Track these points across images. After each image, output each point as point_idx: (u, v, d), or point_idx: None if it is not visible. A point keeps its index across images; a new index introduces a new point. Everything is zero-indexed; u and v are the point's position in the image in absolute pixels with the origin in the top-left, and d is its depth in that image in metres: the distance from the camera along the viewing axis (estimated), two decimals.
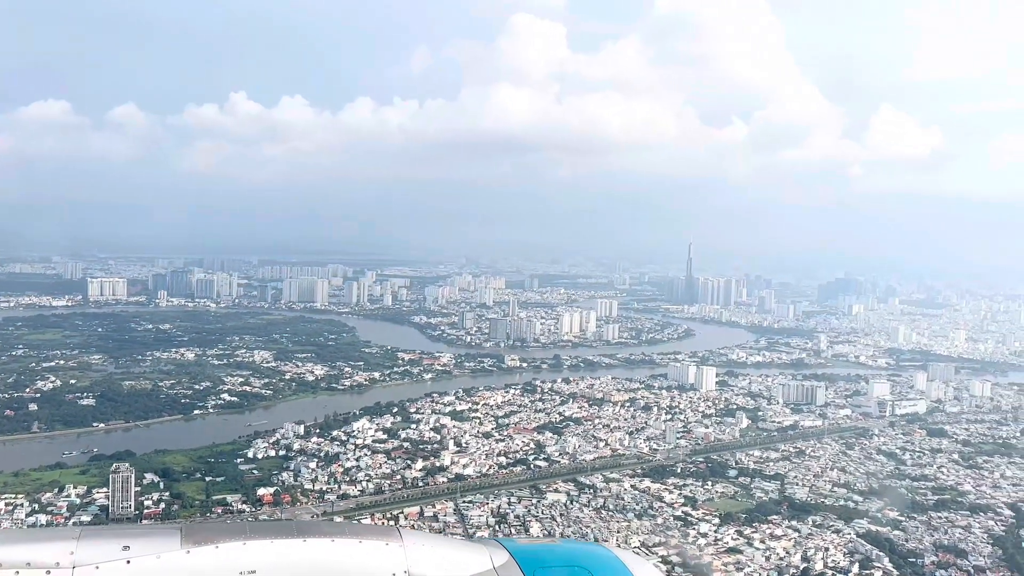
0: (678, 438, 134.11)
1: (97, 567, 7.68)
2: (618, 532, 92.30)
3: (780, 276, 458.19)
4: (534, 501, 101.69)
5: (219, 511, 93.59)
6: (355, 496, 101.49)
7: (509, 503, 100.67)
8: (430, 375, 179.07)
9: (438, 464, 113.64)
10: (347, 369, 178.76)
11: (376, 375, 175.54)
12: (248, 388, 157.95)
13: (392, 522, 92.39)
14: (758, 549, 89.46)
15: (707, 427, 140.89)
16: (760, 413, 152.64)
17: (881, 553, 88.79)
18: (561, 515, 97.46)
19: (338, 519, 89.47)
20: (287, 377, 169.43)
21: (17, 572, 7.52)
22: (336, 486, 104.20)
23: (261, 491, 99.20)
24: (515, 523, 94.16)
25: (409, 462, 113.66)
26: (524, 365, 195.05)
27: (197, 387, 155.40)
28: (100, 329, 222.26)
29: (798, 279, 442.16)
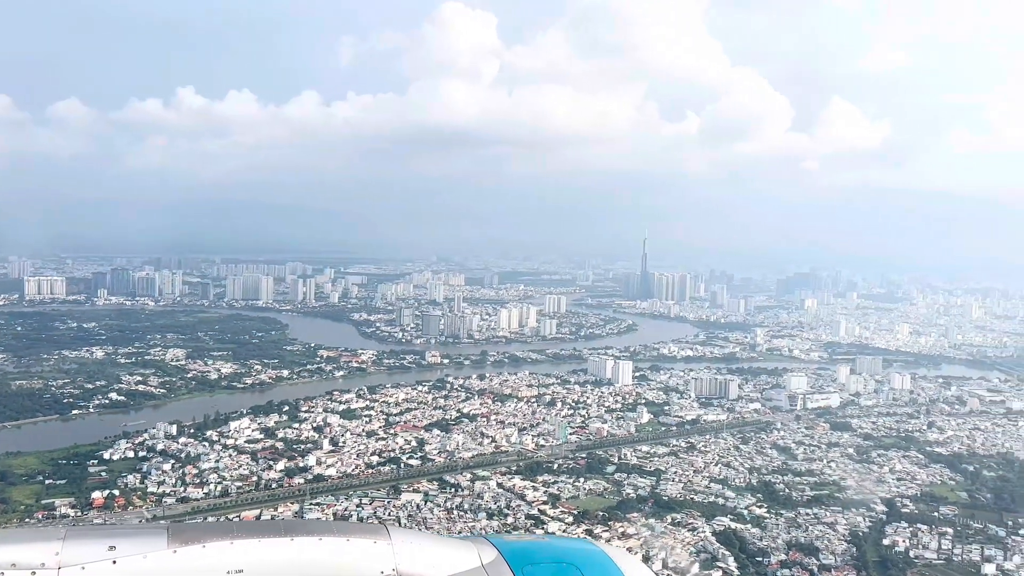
0: (571, 434, 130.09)
1: (83, 567, 7.57)
2: (461, 532, 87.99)
3: (747, 271, 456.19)
4: (386, 502, 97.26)
5: (42, 515, 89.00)
6: (197, 499, 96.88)
7: (359, 504, 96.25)
8: (342, 373, 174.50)
9: (301, 465, 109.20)
10: (257, 367, 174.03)
11: (285, 373, 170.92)
12: (142, 387, 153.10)
13: None
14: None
15: (605, 422, 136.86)
16: (667, 408, 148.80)
17: (727, 552, 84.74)
18: (410, 516, 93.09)
19: (165, 521, 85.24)
20: (189, 375, 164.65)
21: (2, 573, 7.40)
22: (182, 488, 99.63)
23: (96, 494, 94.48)
24: None
25: (271, 463, 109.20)
26: (446, 362, 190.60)
27: (89, 386, 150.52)
28: (19, 328, 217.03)
29: (763, 274, 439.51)
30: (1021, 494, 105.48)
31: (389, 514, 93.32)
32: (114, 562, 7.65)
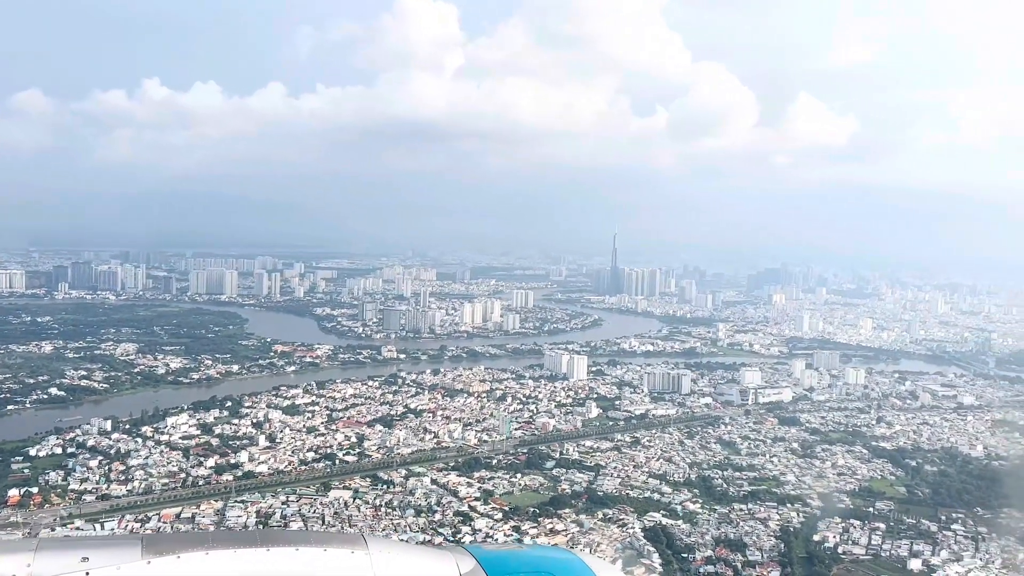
0: (516, 429, 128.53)
1: None
2: (383, 530, 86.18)
3: (720, 267, 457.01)
4: (313, 499, 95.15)
5: None
6: (118, 497, 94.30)
7: (284, 502, 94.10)
8: (294, 368, 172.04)
9: (233, 461, 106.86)
10: (208, 362, 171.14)
11: (235, 368, 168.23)
12: (85, 382, 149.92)
13: (139, 525, 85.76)
14: (526, 546, 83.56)
15: (552, 417, 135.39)
16: (618, 402, 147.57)
17: (653, 549, 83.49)
18: (336, 513, 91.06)
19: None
20: (136, 370, 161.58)
21: None
22: (105, 485, 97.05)
23: (12, 492, 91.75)
24: (277, 524, 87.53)
25: (202, 459, 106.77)
26: (402, 356, 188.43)
27: (30, 381, 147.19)
28: None
29: (736, 270, 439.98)
30: (958, 489, 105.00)
31: (315, 511, 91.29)
32: (87, 573, 7.58)
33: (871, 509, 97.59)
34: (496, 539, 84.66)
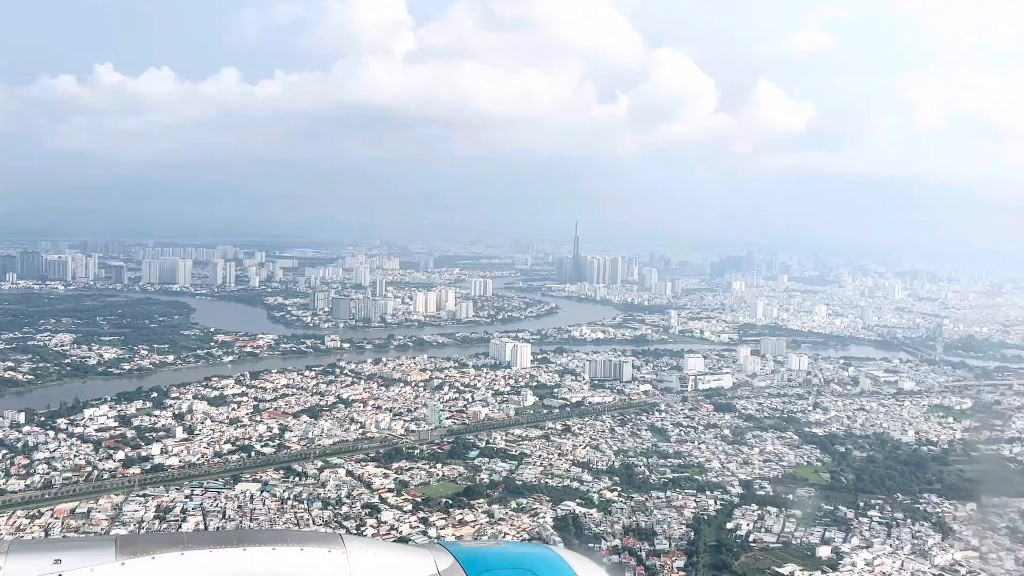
0: (447, 418, 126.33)
1: None
2: (284, 523, 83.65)
3: (687, 255, 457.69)
4: (217, 492, 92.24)
5: None
6: (14, 492, 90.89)
7: (188, 496, 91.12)
8: (231, 358, 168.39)
9: (144, 454, 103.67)
10: (144, 352, 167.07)
11: (171, 358, 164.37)
12: (9, 374, 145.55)
13: (28, 521, 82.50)
14: (431, 537, 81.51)
15: (486, 406, 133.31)
16: (556, 390, 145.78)
17: (559, 539, 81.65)
18: (240, 507, 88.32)
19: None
20: (66, 361, 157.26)
21: None
22: (3, 480, 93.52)
23: None
24: (175, 519, 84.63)
25: (112, 452, 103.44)
26: (346, 346, 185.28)
27: None
28: None
29: (703, 257, 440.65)
30: (881, 475, 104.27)
31: (218, 505, 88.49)
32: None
33: (791, 496, 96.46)
34: (400, 531, 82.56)
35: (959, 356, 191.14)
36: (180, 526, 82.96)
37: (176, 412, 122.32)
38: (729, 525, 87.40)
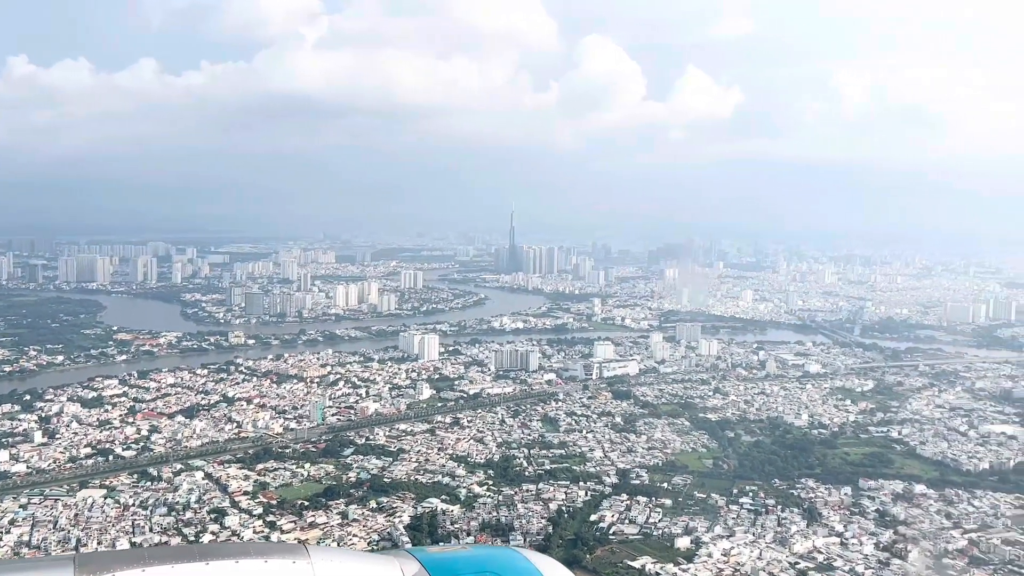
0: (333, 415, 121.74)
1: None
2: (118, 530, 78.43)
3: (631, 243, 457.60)
4: (55, 500, 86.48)
5: None
6: None
7: (23, 505, 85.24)
8: (126, 357, 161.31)
9: None
10: (33, 352, 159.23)
11: (60, 359, 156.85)
12: None
13: None
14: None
15: (378, 401, 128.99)
16: (458, 382, 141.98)
17: (408, 539, 77.80)
18: (76, 515, 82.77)
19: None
20: None
21: None
22: None
23: None
24: (2, 529, 78.93)
25: None
26: (251, 342, 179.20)
27: None
28: None
29: (644, 246, 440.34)
30: (763, 460, 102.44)
31: (56, 514, 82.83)
32: None
33: (666, 484, 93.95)
34: (243, 537, 77.88)
35: (875, 338, 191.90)
36: (0, 538, 77.28)
37: (44, 415, 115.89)
38: (593, 517, 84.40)
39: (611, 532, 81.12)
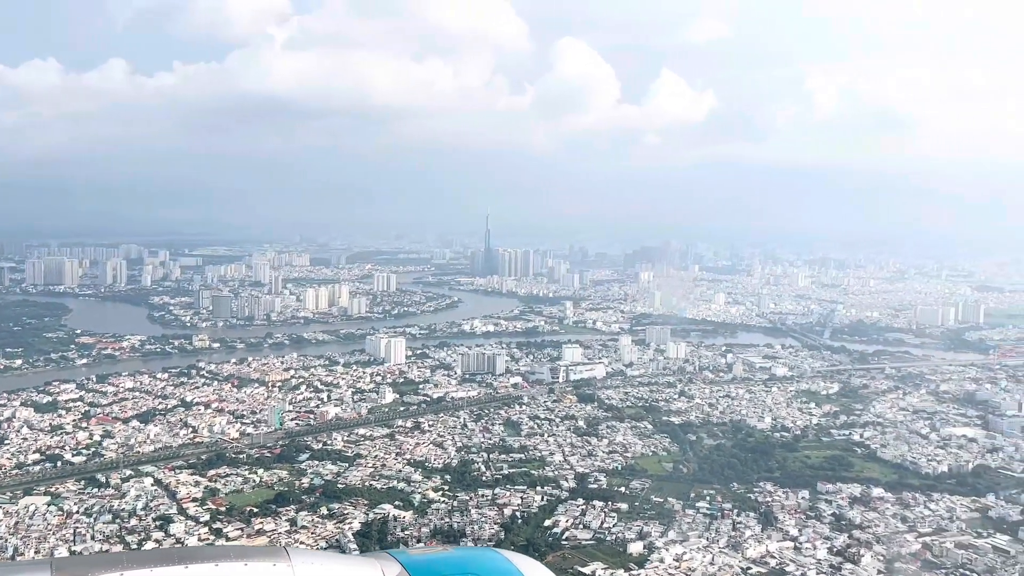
0: (292, 419, 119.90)
1: None
2: (58, 538, 76.34)
3: (609, 246, 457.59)
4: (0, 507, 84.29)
5: None
6: None
7: None
8: (86, 361, 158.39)
9: None
10: None
11: (17, 363, 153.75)
12: None
13: None
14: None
15: (339, 405, 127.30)
16: (423, 386, 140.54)
17: (356, 546, 76.35)
18: (17, 523, 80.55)
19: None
20: None
21: None
22: None
23: None
24: None
25: None
26: (216, 345, 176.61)
27: None
28: None
29: (622, 249, 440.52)
30: (723, 463, 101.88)
31: None
32: None
33: (623, 489, 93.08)
34: (185, 543, 76.03)
35: (843, 341, 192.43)
36: None
37: None
38: (547, 522, 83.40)
39: (564, 537, 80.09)
